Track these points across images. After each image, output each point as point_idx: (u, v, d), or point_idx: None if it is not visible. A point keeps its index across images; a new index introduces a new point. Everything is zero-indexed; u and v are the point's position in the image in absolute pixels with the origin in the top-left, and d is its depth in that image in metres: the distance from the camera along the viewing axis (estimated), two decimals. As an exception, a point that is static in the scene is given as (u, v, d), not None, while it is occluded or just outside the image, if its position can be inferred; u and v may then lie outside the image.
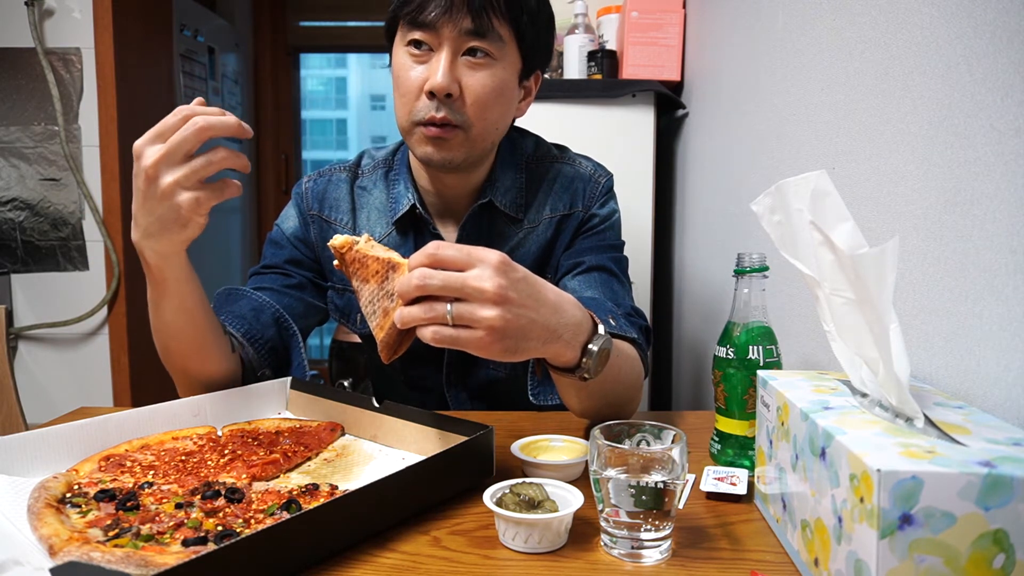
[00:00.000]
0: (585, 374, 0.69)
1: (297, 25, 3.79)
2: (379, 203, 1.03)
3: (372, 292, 0.67)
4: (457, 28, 0.84)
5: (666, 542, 0.56)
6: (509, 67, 0.89)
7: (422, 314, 0.60)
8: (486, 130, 0.90)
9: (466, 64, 0.86)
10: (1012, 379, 0.55)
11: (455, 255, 0.60)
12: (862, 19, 0.82)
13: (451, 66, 0.85)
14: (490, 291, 0.59)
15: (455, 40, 0.84)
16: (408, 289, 0.60)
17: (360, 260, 0.68)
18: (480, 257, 0.60)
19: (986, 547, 0.40)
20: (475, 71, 0.86)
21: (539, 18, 0.92)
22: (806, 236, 0.55)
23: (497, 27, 0.85)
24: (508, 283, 0.60)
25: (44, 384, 2.22)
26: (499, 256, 0.61)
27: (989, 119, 0.58)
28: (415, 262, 0.61)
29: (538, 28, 0.92)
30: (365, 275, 0.68)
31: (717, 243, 1.46)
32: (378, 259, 0.67)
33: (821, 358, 0.91)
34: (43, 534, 0.52)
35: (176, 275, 0.76)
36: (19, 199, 2.17)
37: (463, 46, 0.85)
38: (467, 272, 0.60)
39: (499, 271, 0.60)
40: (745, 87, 1.28)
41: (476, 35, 0.84)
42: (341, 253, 0.69)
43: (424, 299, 0.61)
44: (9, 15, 2.08)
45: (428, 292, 0.60)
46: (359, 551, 0.56)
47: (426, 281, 0.59)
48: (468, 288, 0.59)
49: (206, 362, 0.84)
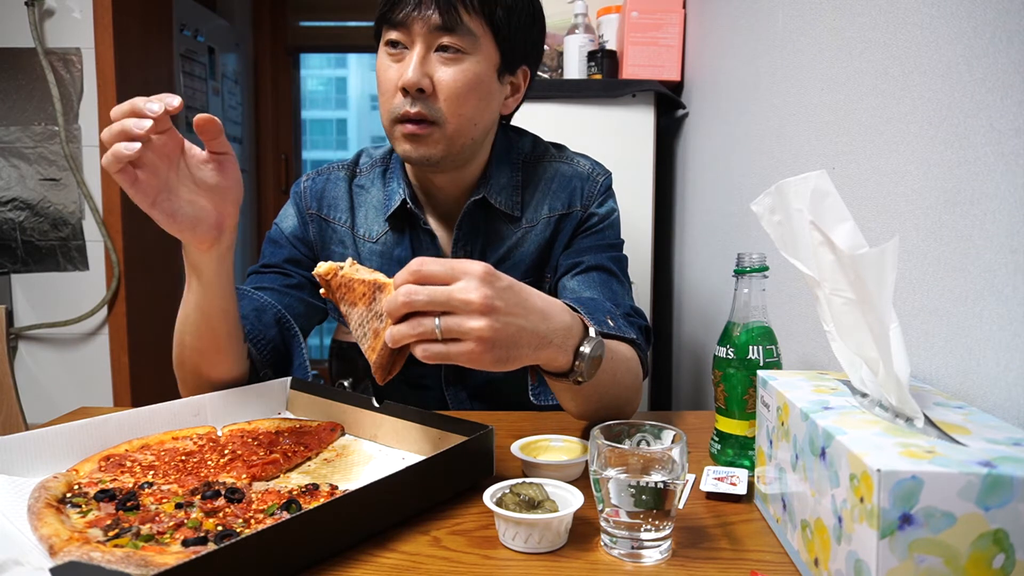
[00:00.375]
0: (579, 378, 0.69)
1: (297, 25, 3.79)
2: (376, 201, 1.03)
3: (361, 315, 0.67)
4: (426, 24, 0.85)
5: (666, 542, 0.56)
6: (484, 61, 0.89)
7: (410, 331, 0.60)
8: (462, 125, 0.89)
9: (438, 59, 0.87)
10: (1012, 379, 0.55)
11: (439, 269, 0.61)
12: (862, 19, 0.82)
13: (422, 61, 0.86)
14: (476, 302, 0.59)
15: (426, 36, 0.86)
16: (395, 307, 0.61)
17: (346, 284, 0.68)
18: (464, 269, 0.60)
19: (986, 547, 0.40)
20: (447, 66, 0.87)
21: (518, 12, 0.91)
22: (806, 236, 0.55)
23: (467, 22, 0.86)
24: (494, 293, 0.60)
25: (44, 384, 2.22)
26: (483, 267, 0.61)
27: (989, 119, 0.58)
28: (400, 280, 0.62)
29: (517, 23, 0.91)
30: (352, 299, 0.68)
31: (717, 243, 1.46)
32: (364, 281, 0.67)
33: (821, 358, 0.91)
34: (43, 534, 0.52)
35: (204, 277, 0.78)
36: (19, 199, 2.17)
37: (434, 42, 0.87)
38: (452, 285, 0.60)
39: (484, 282, 0.60)
40: (745, 87, 1.28)
41: (445, 30, 0.86)
42: (326, 280, 0.69)
43: (413, 316, 0.61)
44: (9, 15, 2.08)
45: (415, 308, 0.60)
46: (359, 551, 0.56)
47: (412, 297, 0.60)
48: (454, 301, 0.59)
49: (219, 364, 0.84)
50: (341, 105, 6.83)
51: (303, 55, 3.97)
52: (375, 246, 1.02)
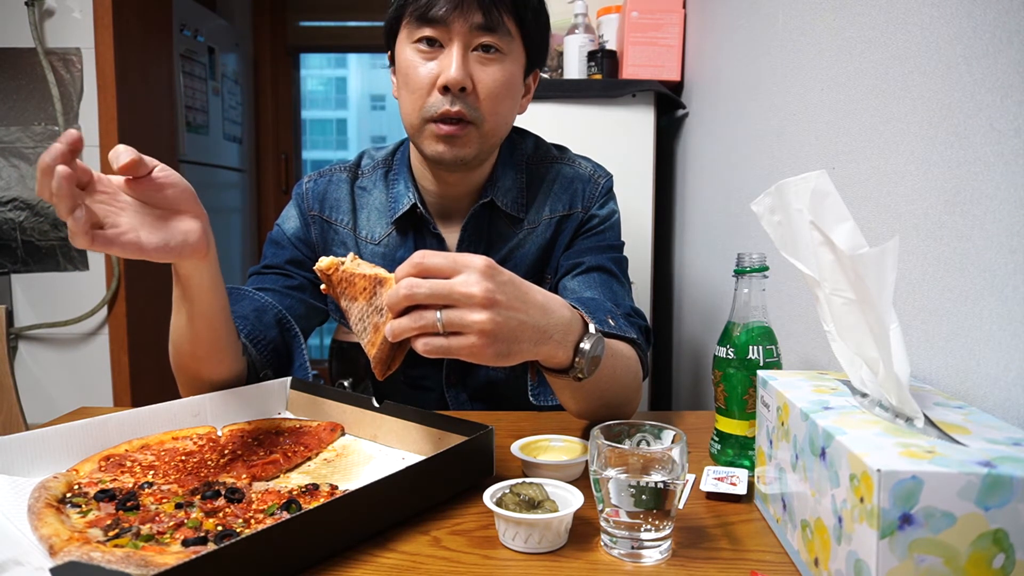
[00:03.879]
0: (579, 374, 0.69)
1: (297, 25, 3.78)
2: (379, 203, 1.03)
3: (361, 309, 0.67)
4: (468, 23, 0.85)
5: (666, 542, 0.56)
6: (516, 62, 0.91)
7: (412, 324, 0.60)
8: (497, 125, 0.91)
9: (477, 59, 0.87)
10: (1012, 379, 0.55)
11: (441, 262, 0.61)
12: (862, 19, 0.82)
13: (464, 60, 0.85)
14: (478, 295, 0.59)
15: (466, 35, 0.85)
16: (396, 300, 0.61)
17: (347, 279, 0.68)
18: (466, 263, 0.60)
19: (986, 547, 0.40)
20: (486, 66, 0.87)
21: (540, 15, 0.93)
22: (806, 236, 0.55)
23: (506, 22, 0.87)
24: (495, 286, 0.60)
25: (44, 384, 2.22)
26: (484, 260, 0.61)
27: (989, 119, 0.58)
28: (401, 273, 0.61)
29: (540, 24, 0.93)
30: (353, 293, 0.68)
31: (717, 243, 1.46)
32: (365, 276, 0.67)
33: (821, 358, 0.91)
34: (43, 534, 0.52)
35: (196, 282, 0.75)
36: (19, 199, 2.17)
37: (474, 41, 0.86)
38: (454, 279, 0.60)
39: (485, 275, 0.60)
40: (745, 87, 1.28)
41: (487, 30, 0.85)
42: (327, 275, 0.69)
43: (414, 310, 0.61)
44: (9, 15, 2.08)
45: (416, 301, 0.60)
46: (359, 551, 0.56)
47: (413, 290, 0.59)
48: (456, 294, 0.59)
49: (215, 365, 0.84)
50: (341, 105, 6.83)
51: (303, 55, 3.97)
52: (377, 248, 1.02)
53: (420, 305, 0.60)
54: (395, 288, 0.61)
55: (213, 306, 0.78)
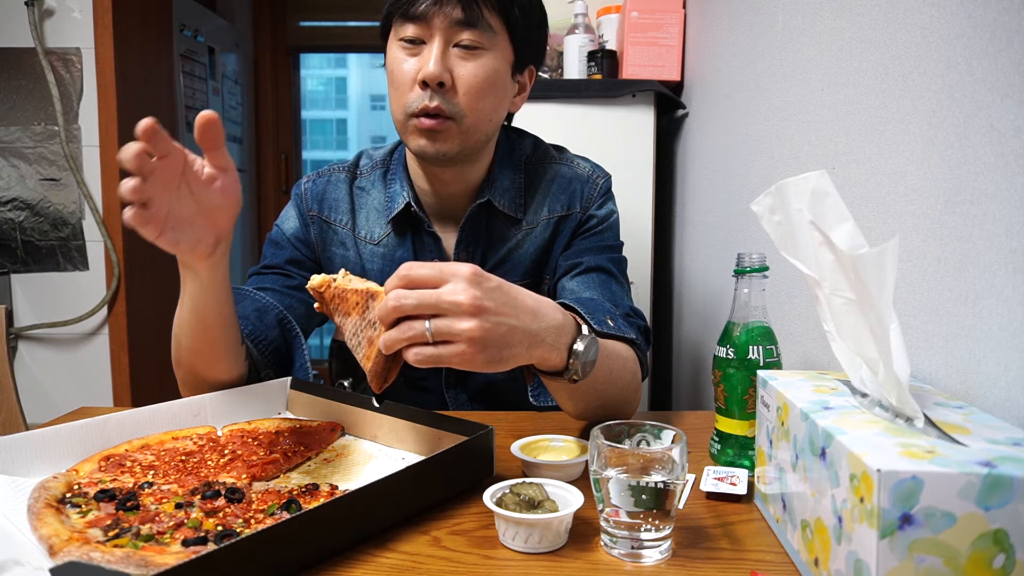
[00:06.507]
0: (574, 376, 0.69)
1: (297, 25, 3.78)
2: (377, 203, 1.03)
3: (355, 324, 0.68)
4: (447, 19, 0.86)
5: (666, 542, 0.56)
6: (501, 58, 0.90)
7: (400, 335, 0.61)
8: (479, 120, 0.90)
9: (457, 55, 0.88)
10: (1012, 379, 0.55)
11: (427, 273, 0.61)
12: (862, 19, 0.82)
13: (443, 56, 0.86)
14: (465, 303, 0.59)
15: (446, 31, 0.86)
16: (386, 312, 0.61)
17: (340, 295, 0.68)
18: (452, 271, 0.61)
19: (986, 547, 0.40)
20: (466, 61, 0.88)
21: (532, 12, 0.93)
22: (806, 236, 0.55)
23: (487, 17, 0.87)
24: (482, 293, 0.60)
25: (44, 384, 2.22)
26: (471, 268, 0.61)
27: (989, 119, 0.58)
28: (389, 285, 0.62)
29: (531, 22, 0.93)
30: (346, 309, 0.68)
31: (717, 243, 1.46)
32: (357, 291, 0.67)
33: (821, 358, 0.91)
34: (43, 534, 0.52)
35: (200, 280, 0.76)
36: (19, 199, 2.17)
37: (454, 37, 0.87)
38: (441, 288, 0.60)
39: (472, 282, 0.60)
40: (745, 87, 1.28)
41: (466, 25, 0.86)
42: (320, 292, 0.69)
43: (403, 321, 0.61)
44: (9, 15, 2.08)
45: (405, 312, 0.60)
46: (359, 551, 0.56)
47: (401, 302, 0.60)
48: (443, 303, 0.59)
49: (216, 366, 0.84)
50: (341, 105, 6.83)
51: (303, 55, 3.97)
52: (376, 248, 1.02)
53: (410, 316, 0.61)
54: (384, 301, 0.62)
55: (212, 305, 0.78)
